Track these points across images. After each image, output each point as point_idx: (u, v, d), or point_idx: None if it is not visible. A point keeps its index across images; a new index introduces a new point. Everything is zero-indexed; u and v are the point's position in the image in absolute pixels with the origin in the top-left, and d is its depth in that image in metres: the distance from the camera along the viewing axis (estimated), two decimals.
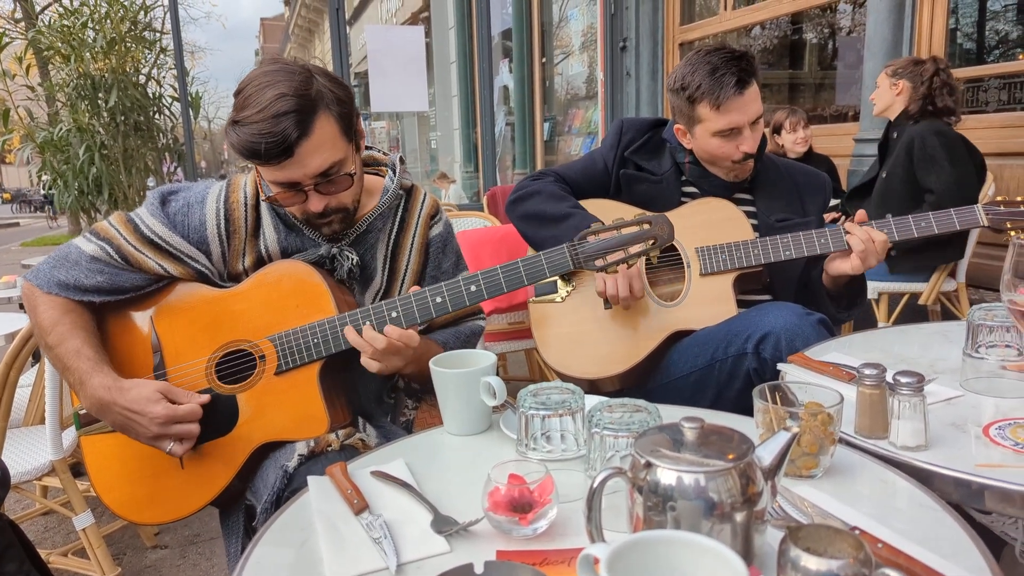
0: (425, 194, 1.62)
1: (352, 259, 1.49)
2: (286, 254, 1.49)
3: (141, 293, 1.46)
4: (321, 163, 1.35)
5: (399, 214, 1.58)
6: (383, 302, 1.38)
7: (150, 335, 1.45)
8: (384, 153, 1.65)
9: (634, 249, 1.35)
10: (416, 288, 1.41)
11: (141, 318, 1.47)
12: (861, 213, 1.68)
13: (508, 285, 1.38)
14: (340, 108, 1.37)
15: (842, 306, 1.83)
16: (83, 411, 1.41)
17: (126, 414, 1.32)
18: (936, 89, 3.22)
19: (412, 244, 1.58)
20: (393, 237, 1.57)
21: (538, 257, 1.38)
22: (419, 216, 1.59)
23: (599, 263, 1.36)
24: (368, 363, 1.36)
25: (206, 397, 1.37)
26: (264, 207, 1.50)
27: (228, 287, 1.48)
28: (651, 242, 1.34)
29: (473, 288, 1.38)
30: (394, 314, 1.37)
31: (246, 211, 1.48)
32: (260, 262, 1.49)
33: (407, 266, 1.57)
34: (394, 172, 1.57)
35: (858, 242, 1.64)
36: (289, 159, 1.31)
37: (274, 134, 1.28)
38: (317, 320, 1.38)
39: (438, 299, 1.38)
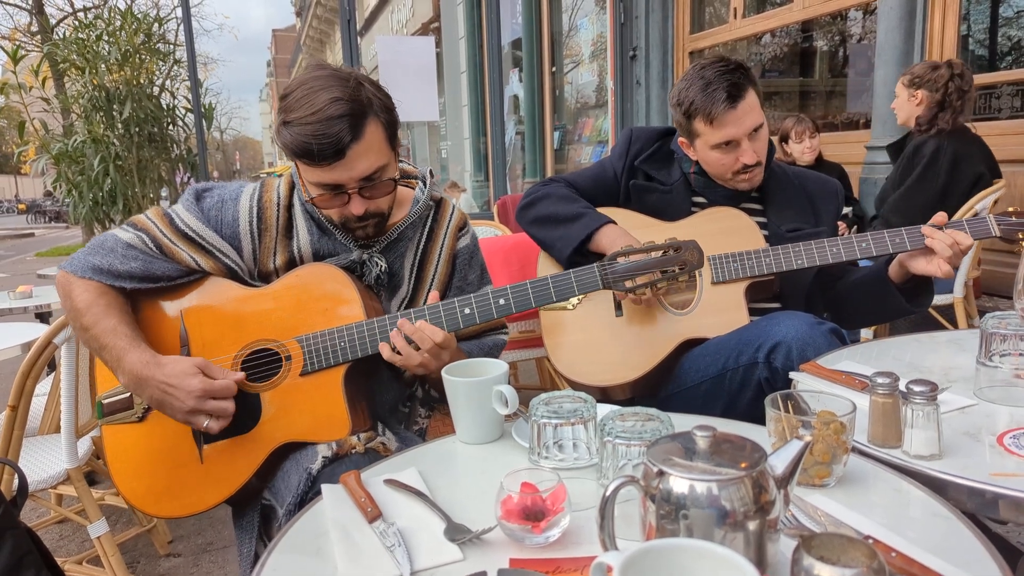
0: (454, 207, 1.66)
1: (381, 266, 1.52)
2: (318, 256, 1.52)
3: (172, 286, 1.48)
4: (367, 167, 1.39)
5: (428, 224, 1.61)
6: (412, 310, 1.41)
7: (179, 329, 1.47)
8: (414, 167, 1.69)
9: (662, 273, 1.36)
10: (435, 295, 1.42)
11: (171, 312, 1.49)
12: (941, 216, 1.64)
13: (537, 300, 1.40)
14: (387, 115, 1.42)
15: (911, 298, 1.76)
16: (106, 400, 1.44)
17: (163, 387, 1.34)
18: (950, 95, 3.15)
19: (440, 254, 1.61)
20: (422, 247, 1.60)
21: (568, 275, 1.40)
22: (447, 227, 1.62)
23: (627, 284, 1.37)
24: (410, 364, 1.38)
25: (241, 375, 1.38)
26: (297, 209, 1.53)
27: (258, 286, 1.50)
28: (680, 267, 1.35)
29: (502, 302, 1.40)
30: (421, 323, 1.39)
31: (278, 211, 1.52)
32: (292, 262, 1.52)
33: (434, 275, 1.60)
34: (424, 184, 1.61)
35: (943, 247, 1.59)
36: (340, 161, 1.35)
37: (328, 136, 1.32)
38: (346, 324, 1.40)
39: (466, 310, 1.40)
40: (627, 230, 1.82)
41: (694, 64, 1.86)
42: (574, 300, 1.85)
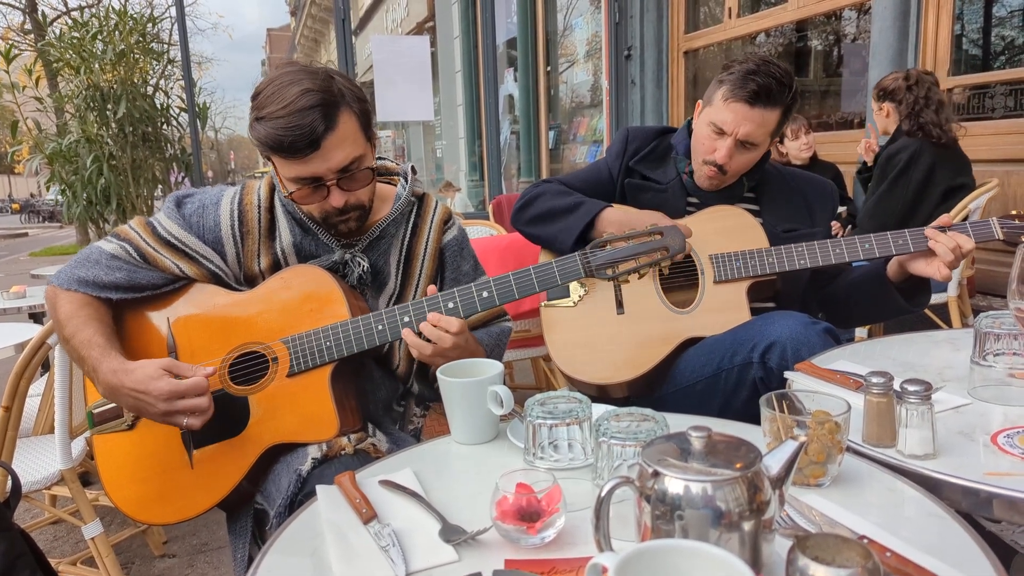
0: (437, 202, 1.66)
1: (363, 266, 1.52)
2: (301, 256, 1.52)
3: (158, 294, 1.49)
4: (344, 157, 1.38)
5: (412, 220, 1.61)
6: (396, 307, 1.41)
7: (166, 337, 1.47)
8: (396, 163, 1.68)
9: (645, 259, 1.36)
10: (433, 288, 1.42)
11: (158, 320, 1.49)
12: (945, 218, 1.65)
13: (520, 292, 1.40)
14: (359, 105, 1.41)
15: (909, 297, 1.76)
16: (96, 410, 1.43)
17: (134, 395, 1.33)
18: (917, 102, 3.20)
19: (426, 250, 1.60)
20: (406, 243, 1.59)
21: (550, 265, 1.39)
22: (432, 222, 1.62)
23: (610, 272, 1.37)
24: (434, 360, 1.38)
25: (211, 369, 1.37)
26: (279, 210, 1.53)
27: (243, 291, 1.50)
28: (663, 252, 1.35)
29: (485, 294, 1.40)
30: (406, 319, 1.39)
31: (259, 213, 1.51)
32: (276, 264, 1.51)
33: (421, 271, 1.60)
34: (406, 180, 1.60)
35: (946, 250, 1.59)
36: (315, 152, 1.35)
37: (302, 127, 1.32)
38: (330, 324, 1.40)
39: (450, 304, 1.39)
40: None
41: (767, 52, 1.85)
42: (575, 297, 1.84)
